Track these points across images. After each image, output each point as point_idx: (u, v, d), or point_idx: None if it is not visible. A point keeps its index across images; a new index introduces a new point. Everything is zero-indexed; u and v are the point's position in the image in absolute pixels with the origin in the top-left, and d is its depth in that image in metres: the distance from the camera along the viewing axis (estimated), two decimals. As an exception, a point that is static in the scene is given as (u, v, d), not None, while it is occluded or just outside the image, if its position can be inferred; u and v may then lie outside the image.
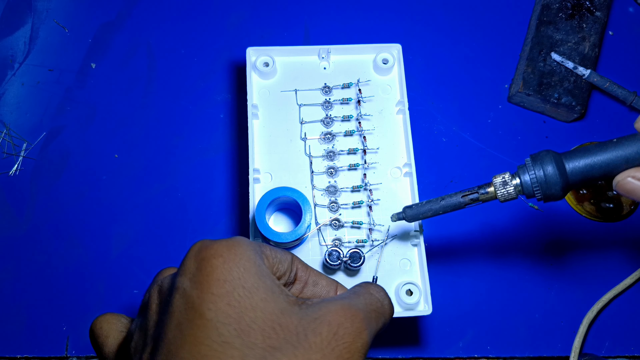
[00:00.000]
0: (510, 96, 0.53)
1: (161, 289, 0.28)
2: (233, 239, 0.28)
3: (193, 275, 0.26)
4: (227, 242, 0.28)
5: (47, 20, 0.55)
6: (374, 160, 0.44)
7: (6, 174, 0.50)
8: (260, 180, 0.43)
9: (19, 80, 0.53)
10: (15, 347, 0.46)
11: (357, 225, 0.42)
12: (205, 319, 0.25)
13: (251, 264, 0.27)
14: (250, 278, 0.27)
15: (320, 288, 0.33)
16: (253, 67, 0.45)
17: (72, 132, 0.52)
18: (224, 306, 0.25)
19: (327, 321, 0.26)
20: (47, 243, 0.48)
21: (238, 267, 0.27)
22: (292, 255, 0.32)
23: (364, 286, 0.31)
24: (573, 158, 0.34)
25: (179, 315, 0.26)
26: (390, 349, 0.46)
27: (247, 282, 0.26)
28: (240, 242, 0.28)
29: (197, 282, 0.26)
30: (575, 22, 0.53)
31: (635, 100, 0.52)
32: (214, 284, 0.26)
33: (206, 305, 0.25)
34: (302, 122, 0.44)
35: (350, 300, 0.28)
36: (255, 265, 0.27)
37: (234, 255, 0.27)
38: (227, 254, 0.27)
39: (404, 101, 0.44)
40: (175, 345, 0.25)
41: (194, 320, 0.25)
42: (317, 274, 0.33)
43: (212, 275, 0.26)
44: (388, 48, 0.46)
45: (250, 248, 0.28)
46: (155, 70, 0.54)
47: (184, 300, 0.26)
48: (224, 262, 0.27)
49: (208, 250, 0.27)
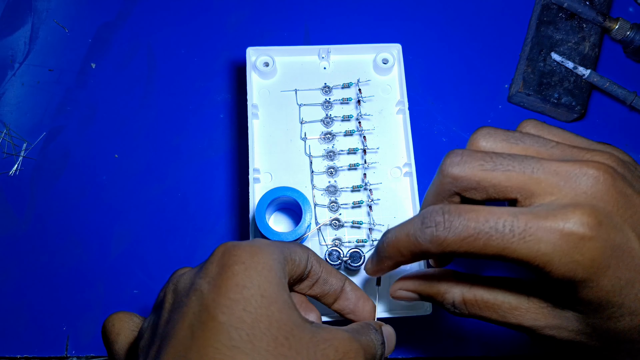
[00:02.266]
0: (510, 96, 0.53)
1: (176, 289, 0.28)
2: (258, 245, 0.28)
3: (213, 279, 0.26)
4: (251, 248, 0.27)
5: (47, 20, 0.55)
6: (374, 160, 0.44)
7: (6, 174, 0.50)
8: (260, 180, 0.43)
9: (19, 80, 0.53)
10: (15, 347, 0.46)
11: (357, 225, 0.42)
12: (218, 321, 0.25)
13: (273, 274, 0.27)
14: (269, 288, 0.26)
15: (329, 286, 0.33)
16: (253, 67, 0.45)
17: (72, 132, 0.52)
18: (239, 311, 0.25)
19: (334, 346, 0.27)
20: (47, 243, 0.48)
21: (260, 275, 0.26)
22: (308, 252, 0.32)
23: (365, 327, 0.31)
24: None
25: (192, 316, 0.25)
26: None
27: (267, 291, 0.26)
28: (264, 249, 0.28)
29: (216, 286, 0.26)
30: (575, 22, 0.53)
31: (635, 100, 0.52)
32: (232, 289, 0.26)
33: (220, 309, 0.25)
34: (302, 122, 0.44)
35: (356, 335, 0.29)
36: (276, 277, 0.27)
37: (256, 264, 0.27)
38: (249, 261, 0.27)
39: (403, 101, 0.44)
40: (184, 346, 0.25)
41: (207, 322, 0.25)
42: (328, 271, 0.33)
43: (232, 280, 0.26)
44: (388, 48, 0.46)
45: (273, 257, 0.28)
46: (155, 70, 0.54)
47: (199, 301, 0.26)
48: (245, 269, 0.26)
49: (231, 255, 0.27)
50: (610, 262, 0.25)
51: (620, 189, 0.26)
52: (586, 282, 0.26)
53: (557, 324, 0.29)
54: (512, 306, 0.30)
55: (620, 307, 0.26)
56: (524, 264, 0.26)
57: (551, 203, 0.27)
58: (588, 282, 0.26)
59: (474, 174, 0.28)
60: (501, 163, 0.28)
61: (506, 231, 0.26)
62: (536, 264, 0.26)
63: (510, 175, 0.28)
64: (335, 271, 0.33)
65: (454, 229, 0.27)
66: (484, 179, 0.28)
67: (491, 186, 0.28)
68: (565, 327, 0.29)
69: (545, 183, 0.27)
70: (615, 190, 0.26)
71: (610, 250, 0.25)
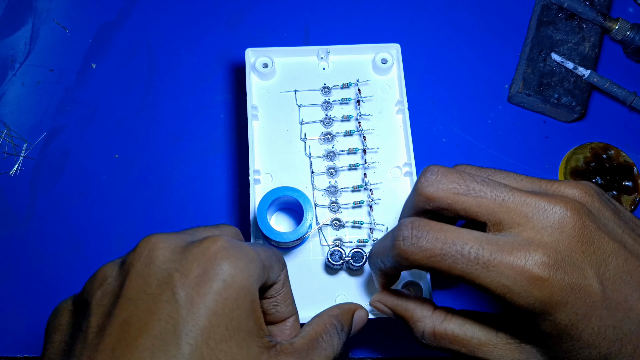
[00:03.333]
0: (510, 96, 0.53)
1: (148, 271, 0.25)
2: (244, 254, 0.26)
3: (192, 288, 0.25)
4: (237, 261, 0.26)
5: (47, 21, 0.55)
6: (374, 160, 0.44)
7: (6, 174, 0.50)
8: (260, 182, 0.43)
9: (19, 80, 0.53)
10: (15, 347, 0.46)
11: (357, 225, 0.42)
12: (180, 353, 0.23)
13: (247, 300, 0.26)
14: (237, 316, 0.25)
15: (275, 310, 0.32)
16: (252, 68, 0.45)
17: (72, 132, 0.52)
18: (201, 343, 0.24)
19: None
20: (47, 243, 0.48)
21: (234, 299, 0.25)
22: (283, 270, 0.31)
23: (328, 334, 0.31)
24: None
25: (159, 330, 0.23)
26: (390, 348, 0.46)
27: (233, 320, 0.25)
28: (249, 266, 0.26)
29: (193, 303, 0.24)
30: (575, 23, 0.53)
31: (635, 100, 0.52)
32: (204, 312, 0.24)
33: (186, 339, 0.23)
34: (302, 123, 0.44)
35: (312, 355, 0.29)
36: (248, 301, 0.26)
37: (234, 284, 0.25)
38: (230, 279, 0.25)
39: (403, 100, 0.44)
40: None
41: (169, 348, 0.23)
42: (283, 296, 0.32)
43: (208, 298, 0.24)
44: (387, 48, 0.46)
45: (252, 275, 0.26)
46: (155, 70, 0.54)
47: (171, 314, 0.24)
48: (223, 288, 0.25)
49: (217, 265, 0.25)
50: (568, 298, 0.26)
51: (585, 227, 0.27)
52: (545, 316, 0.27)
53: (523, 359, 0.30)
54: (481, 342, 0.31)
55: (579, 340, 0.27)
56: (485, 291, 0.27)
57: (517, 234, 0.28)
58: (546, 316, 0.27)
59: (446, 196, 0.29)
60: (474, 188, 0.29)
61: (471, 257, 0.27)
62: (496, 294, 0.27)
63: (481, 202, 0.28)
64: (291, 300, 0.33)
65: (420, 246, 0.28)
66: (456, 202, 0.29)
67: (462, 210, 0.29)
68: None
69: (514, 212, 0.28)
70: (580, 227, 0.27)
71: (567, 288, 0.26)
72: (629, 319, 0.27)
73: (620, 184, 0.50)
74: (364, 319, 0.36)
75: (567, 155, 0.52)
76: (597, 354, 0.27)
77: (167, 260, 0.25)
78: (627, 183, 0.51)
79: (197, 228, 0.31)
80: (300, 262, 0.41)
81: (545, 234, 0.27)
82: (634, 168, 0.51)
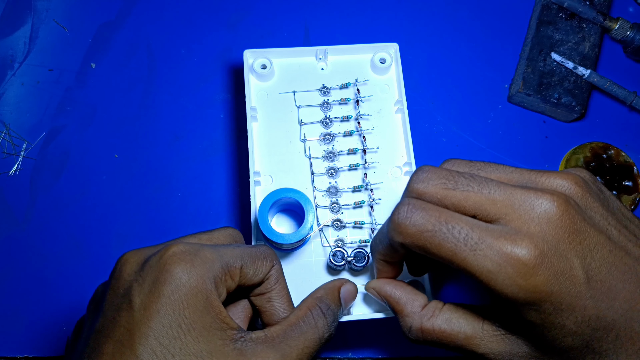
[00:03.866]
0: (510, 96, 0.53)
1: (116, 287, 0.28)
2: (197, 257, 0.28)
3: (146, 295, 0.27)
4: (185, 266, 0.28)
5: (47, 20, 0.55)
6: (374, 159, 0.44)
7: (6, 174, 0.50)
8: (261, 183, 0.43)
9: (19, 80, 0.53)
10: (15, 347, 0.46)
11: (359, 225, 0.42)
12: (136, 356, 0.26)
13: (199, 298, 0.27)
14: (191, 314, 0.27)
15: (270, 307, 0.33)
16: (250, 70, 0.45)
17: (72, 132, 0.52)
18: (155, 344, 0.26)
19: None
20: (47, 243, 0.48)
21: (187, 300, 0.27)
22: (272, 265, 0.32)
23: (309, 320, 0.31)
24: None
25: (119, 335, 0.26)
26: (390, 348, 0.46)
27: (187, 318, 0.27)
28: (199, 268, 0.28)
29: (146, 307, 0.27)
30: (575, 22, 0.53)
31: (635, 100, 0.52)
32: (154, 315, 0.26)
33: (139, 340, 0.26)
34: (301, 124, 0.44)
35: (286, 349, 0.29)
36: (201, 300, 0.28)
37: (186, 284, 0.27)
38: (178, 280, 0.27)
39: (402, 100, 0.44)
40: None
41: (124, 350, 0.26)
42: (277, 292, 0.33)
43: (160, 301, 0.27)
44: (385, 47, 0.46)
45: (209, 274, 0.28)
46: (155, 70, 0.54)
47: (128, 321, 0.26)
48: (174, 290, 0.27)
49: (167, 269, 0.27)
50: (553, 288, 0.27)
51: (572, 218, 0.28)
52: (529, 305, 0.27)
53: (509, 350, 0.31)
54: (467, 336, 0.32)
55: (562, 329, 0.28)
56: (470, 275, 0.28)
57: (505, 225, 0.28)
58: (531, 305, 0.27)
59: (436, 191, 0.30)
60: (462, 183, 0.30)
61: (460, 238, 0.28)
62: (481, 279, 0.27)
63: (468, 195, 0.29)
64: (287, 297, 0.33)
65: (413, 220, 0.29)
66: (445, 197, 0.30)
67: (451, 204, 0.30)
68: (517, 353, 0.30)
69: (501, 205, 0.29)
70: (567, 219, 0.28)
71: (553, 278, 0.27)
72: (612, 309, 0.27)
73: (620, 184, 0.50)
74: (352, 292, 0.36)
75: (567, 155, 0.52)
76: (580, 341, 0.28)
77: (132, 273, 0.28)
78: (627, 183, 0.51)
79: (184, 237, 0.33)
80: (302, 264, 0.41)
81: (532, 225, 0.27)
82: (634, 168, 0.51)
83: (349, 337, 0.46)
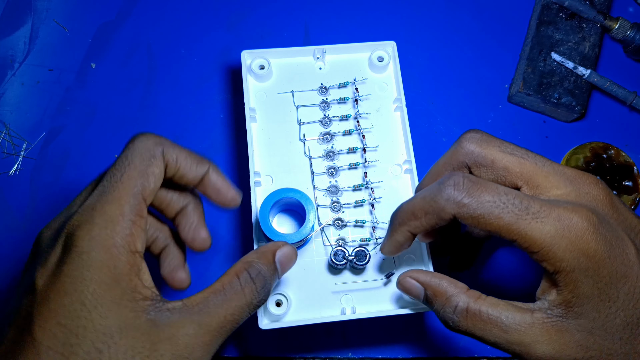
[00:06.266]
0: (510, 96, 0.53)
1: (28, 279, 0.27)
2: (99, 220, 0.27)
3: (48, 277, 0.26)
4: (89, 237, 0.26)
5: (47, 20, 0.55)
6: (374, 158, 0.44)
7: (6, 174, 0.50)
8: (261, 184, 0.43)
9: (19, 80, 0.53)
10: (15, 347, 0.46)
11: (360, 224, 0.42)
12: (35, 339, 0.25)
13: (105, 271, 0.26)
14: (97, 289, 0.25)
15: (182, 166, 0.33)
16: (249, 70, 0.45)
17: (72, 132, 0.52)
18: (54, 326, 0.25)
19: (177, 342, 0.26)
20: (47, 243, 0.48)
21: (92, 274, 0.26)
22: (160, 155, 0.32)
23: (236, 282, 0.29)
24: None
25: (20, 322, 0.26)
26: (390, 348, 0.46)
27: (91, 294, 0.25)
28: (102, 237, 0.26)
29: (47, 285, 0.26)
30: (575, 22, 0.53)
31: (635, 100, 0.52)
32: (54, 297, 0.25)
33: (38, 323, 0.25)
34: (301, 123, 0.44)
35: (205, 318, 0.27)
36: (109, 270, 0.26)
37: (88, 257, 0.26)
38: (84, 254, 0.26)
39: (401, 98, 0.44)
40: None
41: (24, 336, 0.25)
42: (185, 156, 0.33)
43: (59, 281, 0.26)
44: (383, 46, 0.46)
45: (115, 239, 0.27)
46: (155, 71, 0.54)
47: (31, 300, 0.26)
48: (75, 269, 0.26)
49: (73, 244, 0.26)
50: (610, 254, 0.28)
51: (614, 199, 0.30)
52: (588, 272, 0.28)
53: (557, 338, 0.29)
54: (516, 322, 0.30)
55: (616, 302, 0.28)
56: (528, 244, 0.28)
57: (557, 197, 0.30)
58: (589, 272, 0.28)
59: (491, 152, 0.31)
60: (518, 150, 0.31)
61: (522, 207, 0.28)
62: (542, 246, 0.28)
63: (523, 163, 0.31)
64: (198, 157, 0.33)
65: (472, 191, 0.29)
66: (499, 160, 0.31)
67: (503, 168, 0.31)
68: (567, 343, 0.29)
69: (553, 178, 0.30)
70: (610, 198, 0.30)
71: (609, 246, 0.28)
72: None
73: (620, 184, 0.50)
74: (289, 255, 0.32)
75: (567, 155, 0.52)
76: (631, 317, 0.28)
77: (42, 252, 0.28)
78: (627, 183, 0.51)
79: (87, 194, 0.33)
80: (304, 263, 0.41)
81: (583, 199, 0.29)
82: (634, 168, 0.51)
83: (349, 337, 0.46)
